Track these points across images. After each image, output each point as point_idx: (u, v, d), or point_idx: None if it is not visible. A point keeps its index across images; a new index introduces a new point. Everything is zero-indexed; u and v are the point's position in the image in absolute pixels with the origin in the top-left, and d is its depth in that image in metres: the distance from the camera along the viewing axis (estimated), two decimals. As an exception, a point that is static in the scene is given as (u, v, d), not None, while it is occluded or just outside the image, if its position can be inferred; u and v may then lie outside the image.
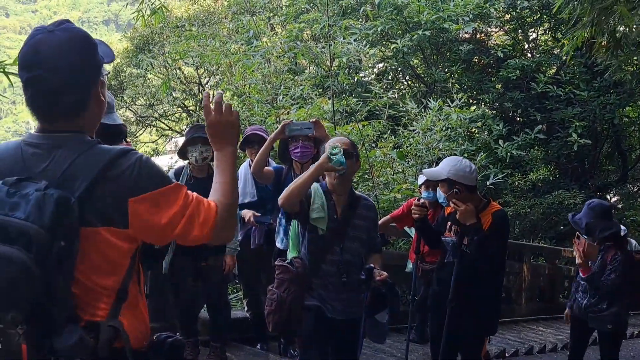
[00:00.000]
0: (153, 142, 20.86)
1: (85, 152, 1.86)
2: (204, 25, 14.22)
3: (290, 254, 4.10)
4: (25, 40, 1.90)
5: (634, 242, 11.31)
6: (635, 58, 14.20)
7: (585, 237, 5.22)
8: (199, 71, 15.84)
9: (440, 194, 4.66)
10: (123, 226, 1.86)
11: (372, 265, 3.89)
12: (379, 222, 6.77)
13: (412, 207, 4.74)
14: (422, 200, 4.86)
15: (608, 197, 18.51)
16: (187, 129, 5.95)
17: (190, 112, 16.24)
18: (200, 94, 15.89)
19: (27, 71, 1.87)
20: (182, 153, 5.37)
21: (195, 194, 2.00)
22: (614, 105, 14.84)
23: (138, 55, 16.12)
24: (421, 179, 6.64)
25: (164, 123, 18.61)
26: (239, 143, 5.98)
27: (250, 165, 5.92)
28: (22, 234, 1.67)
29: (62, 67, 1.86)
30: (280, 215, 5.19)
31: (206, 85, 16.16)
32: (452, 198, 4.47)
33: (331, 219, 3.95)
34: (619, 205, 17.94)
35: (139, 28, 15.52)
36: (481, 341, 4.91)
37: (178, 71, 16.01)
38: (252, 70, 10.37)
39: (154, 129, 18.90)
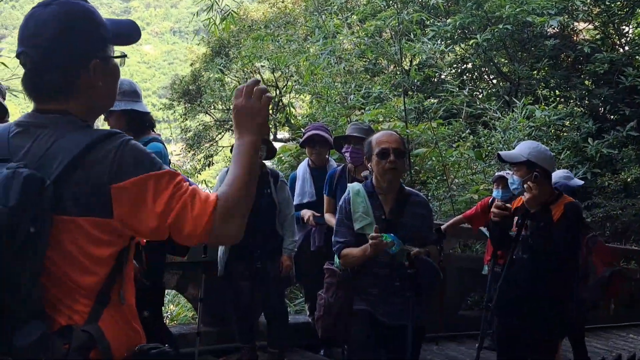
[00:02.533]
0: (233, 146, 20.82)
1: (70, 133, 1.67)
2: (279, 27, 14.17)
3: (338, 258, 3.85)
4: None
5: None
6: None
7: None
8: (275, 74, 15.78)
9: (515, 180, 4.29)
10: (105, 216, 1.64)
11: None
12: (451, 222, 6.49)
13: (492, 208, 4.40)
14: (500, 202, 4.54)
15: None
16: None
17: (269, 115, 16.23)
18: (277, 96, 15.86)
19: (18, 46, 1.74)
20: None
21: (194, 186, 1.74)
22: None
23: (215, 59, 16.22)
24: (494, 177, 6.32)
25: (243, 127, 18.64)
26: (302, 141, 5.83)
27: (309, 165, 5.74)
28: None
29: (42, 44, 1.70)
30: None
31: (283, 89, 16.13)
32: (529, 181, 4.14)
33: (379, 220, 3.67)
34: None
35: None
36: (554, 346, 4.51)
37: (256, 75, 16.02)
38: (322, 70, 10.16)
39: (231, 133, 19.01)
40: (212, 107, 18.55)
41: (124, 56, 1.90)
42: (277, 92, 15.89)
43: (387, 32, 13.44)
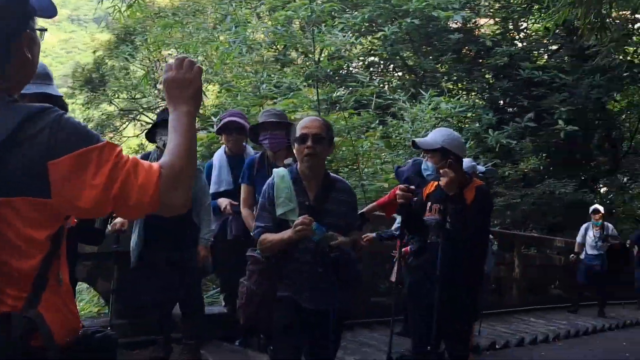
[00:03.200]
0: (137, 136, 20.39)
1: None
2: (187, 15, 13.92)
3: (260, 244, 3.81)
4: None
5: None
6: (625, 45, 14.16)
7: None
8: (183, 62, 15.49)
9: (429, 166, 4.41)
10: (43, 196, 1.56)
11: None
12: (365, 210, 6.58)
13: (397, 192, 4.49)
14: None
15: (600, 188, 18.39)
16: (159, 112, 5.64)
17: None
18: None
19: None
20: (151, 135, 5.06)
21: (132, 156, 1.70)
22: (602, 89, 14.64)
23: (120, 46, 15.73)
24: None
25: (148, 117, 18.19)
26: (218, 128, 5.76)
27: (225, 152, 5.68)
28: None
29: None
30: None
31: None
32: (444, 168, 4.26)
33: (302, 206, 3.65)
34: (610, 196, 17.80)
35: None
36: (470, 328, 4.66)
37: (162, 63, 15.67)
38: (233, 59, 10.06)
39: (138, 122, 18.48)
40: (117, 95, 17.97)
41: (44, 30, 1.81)
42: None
43: (297, 23, 13.49)
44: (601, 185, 18.59)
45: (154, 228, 4.77)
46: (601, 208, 11.44)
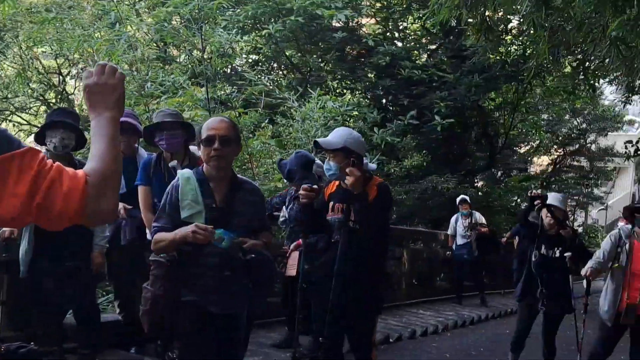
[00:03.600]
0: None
1: None
2: (62, 10, 13.28)
3: (165, 248, 3.67)
4: None
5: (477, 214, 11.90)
6: (501, 45, 14.84)
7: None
8: (58, 61, 14.80)
9: (332, 166, 4.40)
10: None
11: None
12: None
13: (300, 191, 4.47)
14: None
15: (477, 181, 19.20)
16: (49, 112, 5.34)
17: (51, 104, 15.08)
18: (61, 84, 14.89)
19: None
20: (41, 138, 4.77)
21: (57, 163, 1.59)
22: (480, 88, 15.28)
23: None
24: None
25: (21, 117, 17.24)
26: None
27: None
28: None
29: None
30: None
31: (67, 76, 15.19)
32: (348, 167, 4.27)
33: (209, 208, 3.56)
34: (485, 190, 18.64)
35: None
36: (373, 323, 4.71)
37: (36, 61, 14.90)
38: (117, 57, 9.70)
39: (10, 123, 17.45)
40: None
41: None
42: (61, 79, 14.95)
43: (177, 20, 13.18)
44: (478, 180, 19.45)
45: (44, 235, 4.50)
46: (467, 198, 11.98)
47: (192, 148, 4.99)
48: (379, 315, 4.83)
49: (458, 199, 12.02)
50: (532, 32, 6.68)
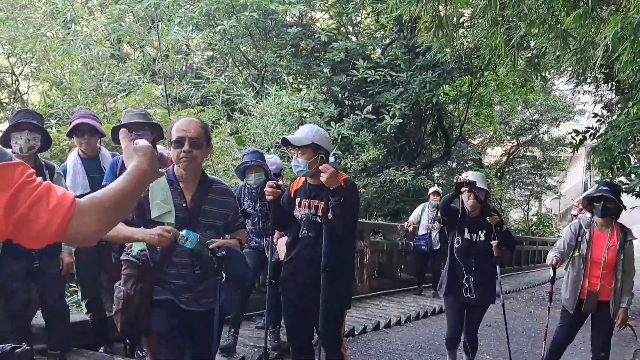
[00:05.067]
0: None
1: None
2: (13, 9, 13.05)
3: (137, 247, 3.68)
4: None
5: None
6: (455, 39, 15.03)
7: None
8: (10, 60, 14.54)
9: (300, 162, 4.44)
10: None
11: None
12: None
13: (266, 188, 4.52)
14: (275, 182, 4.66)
15: (434, 173, 19.44)
16: (13, 114, 5.27)
17: (4, 104, 14.81)
18: (14, 84, 14.61)
19: None
20: (5, 140, 4.71)
21: (47, 181, 1.61)
22: (433, 84, 15.47)
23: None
24: (267, 157, 6.55)
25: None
26: (68, 131, 5.48)
27: (79, 155, 5.42)
28: None
29: None
30: None
31: (20, 75, 14.91)
32: (316, 163, 4.36)
33: (179, 208, 3.59)
34: (442, 182, 18.90)
35: None
36: (343, 316, 4.78)
37: (-12, 61, 14.61)
38: (73, 57, 9.58)
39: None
40: None
41: None
42: (14, 79, 14.67)
43: (129, 18, 13.05)
44: (434, 172, 19.71)
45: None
46: (440, 190, 12.07)
47: (160, 148, 4.98)
48: (348, 309, 4.89)
49: (431, 190, 12.06)
50: (486, 26, 6.80)
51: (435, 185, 13.12)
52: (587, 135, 10.67)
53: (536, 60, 8.83)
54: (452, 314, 6.18)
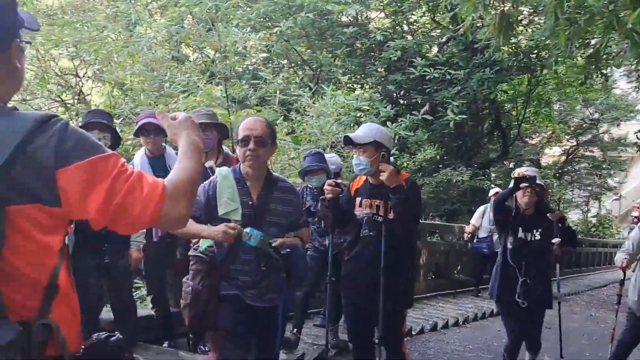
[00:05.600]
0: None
1: (1, 119, 1.58)
2: (78, 12, 13.45)
3: (204, 244, 3.78)
4: None
5: None
6: (512, 37, 14.85)
7: None
8: (74, 62, 14.98)
9: (362, 160, 4.45)
10: (52, 202, 1.57)
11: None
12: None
13: (325, 186, 4.57)
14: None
15: (491, 173, 19.21)
16: (85, 113, 5.45)
17: (68, 105, 15.26)
18: (77, 85, 15.04)
19: None
20: None
21: (138, 170, 1.73)
22: (491, 81, 15.30)
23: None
24: (327, 156, 6.62)
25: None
26: (135, 131, 5.64)
27: (146, 154, 5.56)
28: None
29: None
30: None
31: (84, 77, 15.36)
32: (378, 162, 4.37)
33: (245, 205, 3.68)
34: (499, 182, 18.65)
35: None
36: (403, 316, 4.81)
37: (52, 63, 15.05)
38: (137, 59, 9.84)
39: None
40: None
41: (29, 42, 1.82)
42: (78, 80, 15.12)
43: (188, 20, 13.30)
44: (491, 172, 19.48)
45: (83, 232, 4.61)
46: (501, 191, 11.80)
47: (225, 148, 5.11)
48: (409, 308, 4.91)
49: (491, 191, 11.80)
50: (551, 23, 6.69)
51: (495, 186, 12.91)
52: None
53: (596, 57, 8.65)
54: (508, 321, 5.87)
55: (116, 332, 1.82)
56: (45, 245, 1.60)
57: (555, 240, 5.58)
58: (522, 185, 5.41)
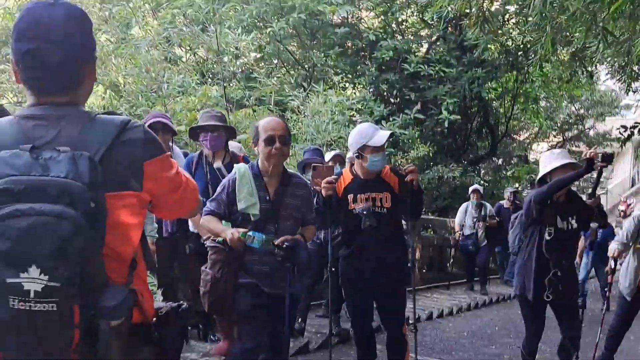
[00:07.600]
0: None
1: (91, 121, 1.85)
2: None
3: (223, 235, 4.02)
4: (22, 12, 1.84)
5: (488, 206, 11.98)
6: (500, 34, 15.14)
7: None
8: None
9: (380, 158, 4.66)
10: (138, 189, 1.89)
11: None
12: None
13: (323, 184, 4.68)
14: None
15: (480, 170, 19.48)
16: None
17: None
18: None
19: (28, 43, 1.81)
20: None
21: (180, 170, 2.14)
22: (481, 79, 15.59)
23: (1, 49, 15.13)
24: (328, 156, 6.83)
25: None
26: None
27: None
28: (63, 192, 1.62)
29: (65, 41, 1.82)
30: None
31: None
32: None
33: (263, 200, 3.95)
34: (488, 178, 18.96)
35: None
36: (405, 299, 5.07)
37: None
38: (136, 60, 10.03)
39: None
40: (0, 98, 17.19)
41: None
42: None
43: (180, 21, 13.45)
44: (480, 168, 19.76)
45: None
46: (480, 188, 12.02)
47: (233, 145, 5.33)
48: (407, 288, 5.16)
49: (470, 189, 12.00)
50: (536, 22, 6.96)
51: (476, 184, 13.11)
52: (635, 130, 10.67)
53: (579, 55, 8.93)
54: (533, 319, 5.27)
55: (184, 302, 2.09)
56: (133, 226, 1.88)
57: (593, 225, 5.38)
58: (599, 165, 4.79)
